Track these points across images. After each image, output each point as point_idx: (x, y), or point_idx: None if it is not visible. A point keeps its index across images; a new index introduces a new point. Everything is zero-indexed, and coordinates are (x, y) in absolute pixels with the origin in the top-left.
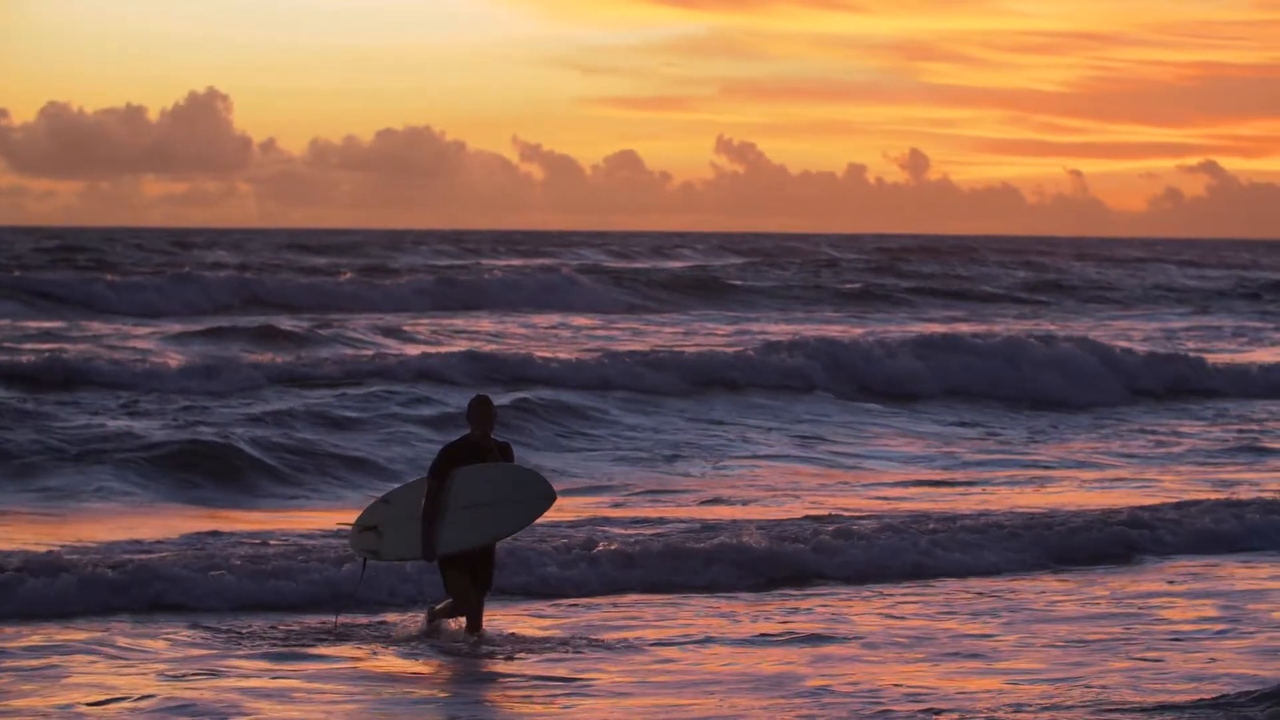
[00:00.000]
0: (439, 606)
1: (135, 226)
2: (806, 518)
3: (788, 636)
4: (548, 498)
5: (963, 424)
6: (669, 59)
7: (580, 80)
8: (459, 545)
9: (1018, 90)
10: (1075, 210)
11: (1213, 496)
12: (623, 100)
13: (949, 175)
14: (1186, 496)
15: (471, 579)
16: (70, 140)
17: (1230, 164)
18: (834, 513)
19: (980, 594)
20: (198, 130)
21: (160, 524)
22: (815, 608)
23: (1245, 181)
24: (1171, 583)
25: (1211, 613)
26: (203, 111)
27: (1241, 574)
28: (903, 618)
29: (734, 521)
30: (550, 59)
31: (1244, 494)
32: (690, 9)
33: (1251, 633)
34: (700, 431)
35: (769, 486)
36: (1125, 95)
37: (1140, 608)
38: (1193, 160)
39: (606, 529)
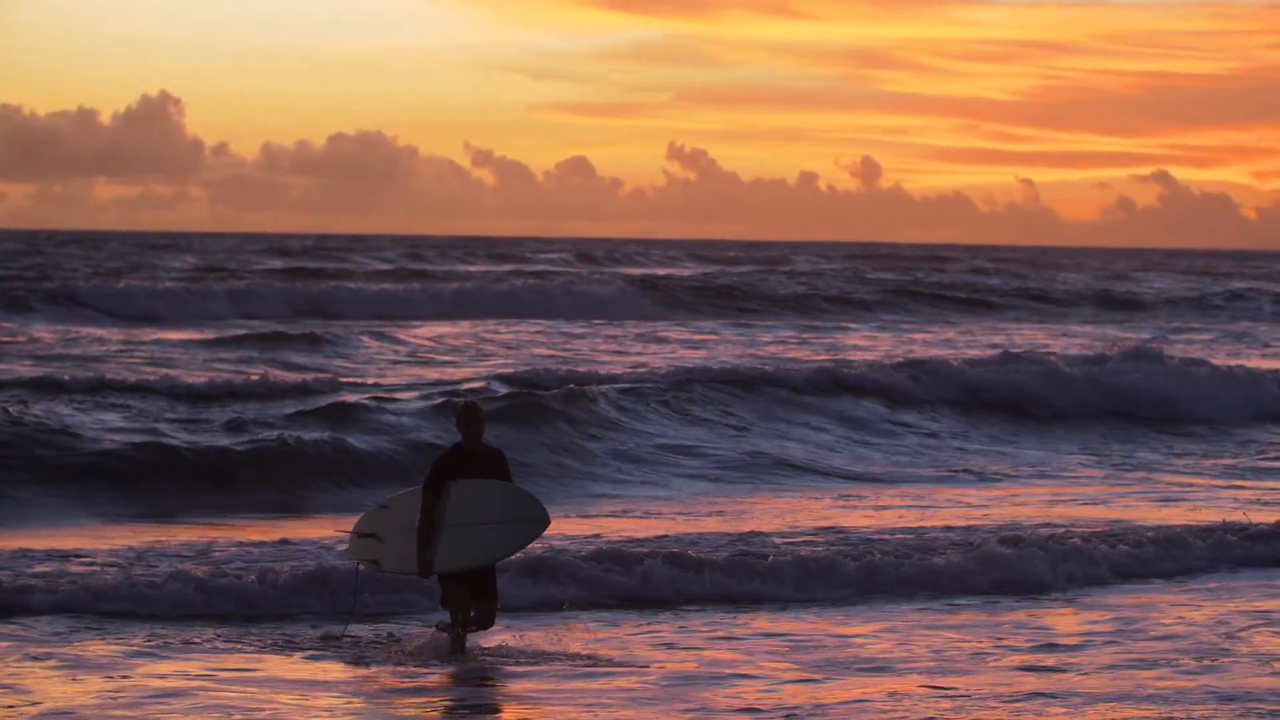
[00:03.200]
0: (444, 625)
1: (88, 230)
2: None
3: (696, 651)
4: (543, 522)
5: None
6: (621, 65)
7: (532, 86)
8: (454, 565)
9: (970, 99)
10: (1027, 219)
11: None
12: (575, 106)
13: (901, 183)
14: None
15: (471, 592)
16: (21, 143)
17: (1182, 174)
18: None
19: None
20: (150, 133)
21: (130, 530)
22: (720, 624)
23: (1197, 191)
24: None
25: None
26: (155, 115)
27: None
28: (808, 633)
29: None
30: (502, 64)
31: None
32: (643, 15)
33: None
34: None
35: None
36: (1077, 104)
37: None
38: (1145, 170)
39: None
